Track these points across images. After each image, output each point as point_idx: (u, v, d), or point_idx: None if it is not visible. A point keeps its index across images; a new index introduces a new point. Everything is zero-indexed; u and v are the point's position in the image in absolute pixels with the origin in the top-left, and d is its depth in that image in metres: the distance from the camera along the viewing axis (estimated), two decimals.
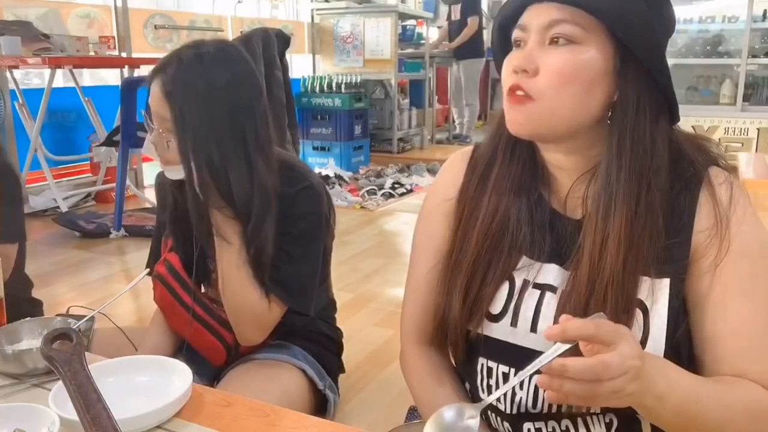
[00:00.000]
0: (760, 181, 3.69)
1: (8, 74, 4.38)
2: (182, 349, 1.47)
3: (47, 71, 4.21)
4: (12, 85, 4.42)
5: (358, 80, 6.40)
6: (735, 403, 0.77)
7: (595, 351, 0.66)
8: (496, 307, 0.91)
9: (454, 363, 1.03)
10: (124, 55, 5.00)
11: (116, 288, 3.21)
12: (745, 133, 6.28)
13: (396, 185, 5.33)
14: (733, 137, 6.32)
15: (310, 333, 1.45)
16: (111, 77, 5.31)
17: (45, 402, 0.82)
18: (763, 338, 0.81)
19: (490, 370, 0.92)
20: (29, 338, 1.04)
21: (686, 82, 7.01)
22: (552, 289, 0.88)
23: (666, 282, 0.83)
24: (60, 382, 0.81)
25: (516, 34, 0.86)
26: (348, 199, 5.00)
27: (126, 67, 4.86)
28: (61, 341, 0.83)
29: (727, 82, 6.60)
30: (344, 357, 1.57)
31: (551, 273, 0.89)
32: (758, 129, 6.22)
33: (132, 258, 3.67)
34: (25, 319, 1.07)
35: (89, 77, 5.35)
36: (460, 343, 0.94)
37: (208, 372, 1.41)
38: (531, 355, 0.85)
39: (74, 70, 4.50)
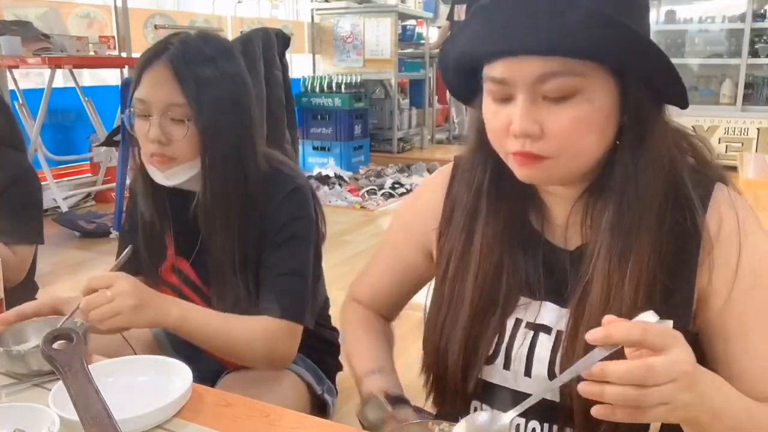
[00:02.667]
0: (760, 181, 3.69)
1: (8, 74, 4.38)
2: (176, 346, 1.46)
3: (47, 71, 4.21)
4: (12, 85, 4.42)
5: (358, 80, 6.41)
6: None
7: (642, 357, 0.61)
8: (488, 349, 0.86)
9: (441, 403, 0.97)
10: (124, 55, 4.99)
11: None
12: (745, 133, 6.28)
13: (396, 185, 5.33)
14: (733, 137, 6.31)
15: (307, 337, 1.43)
16: (111, 77, 5.31)
17: (45, 402, 0.82)
18: None
19: None
20: (36, 338, 1.03)
21: (686, 82, 6.95)
22: (546, 329, 0.83)
23: (669, 324, 0.77)
24: (60, 382, 0.81)
25: (493, 86, 0.75)
26: (348, 199, 5.00)
27: (126, 67, 4.86)
28: (61, 341, 0.83)
29: (727, 82, 6.59)
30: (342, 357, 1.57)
31: (548, 312, 0.84)
32: (758, 129, 6.22)
33: None
34: (31, 320, 1.07)
35: (89, 77, 5.35)
36: (457, 386, 0.89)
37: (206, 376, 1.40)
38: (525, 399, 0.84)
39: (74, 70, 4.50)
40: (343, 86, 6.24)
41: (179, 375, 0.92)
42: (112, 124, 4.60)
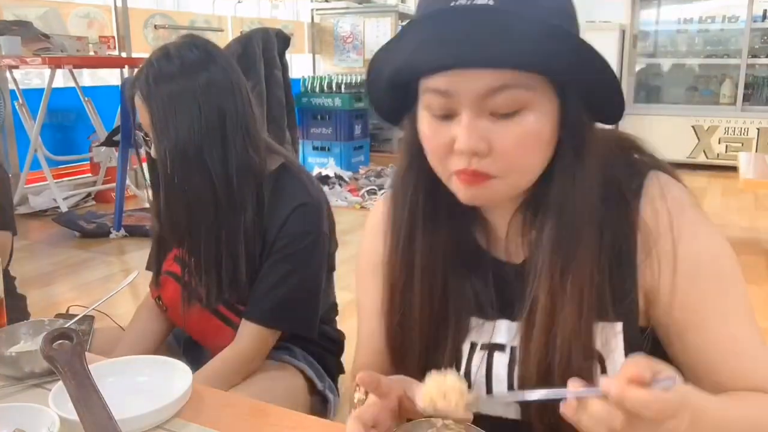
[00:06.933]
0: (760, 181, 3.69)
1: (8, 74, 4.38)
2: (179, 346, 1.46)
3: (47, 71, 4.21)
4: (12, 85, 4.42)
5: (358, 80, 6.40)
6: (762, 416, 0.72)
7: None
8: None
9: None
10: (124, 55, 5.00)
11: (116, 288, 3.22)
12: (745, 133, 6.28)
13: None
14: (733, 137, 6.32)
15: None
16: (111, 77, 5.31)
17: (45, 402, 0.82)
18: (757, 350, 0.75)
19: None
20: (27, 340, 1.03)
21: (686, 82, 7.01)
22: (500, 347, 0.81)
23: (619, 326, 0.76)
24: (60, 382, 0.81)
25: (435, 100, 0.70)
26: (348, 199, 5.00)
27: (126, 67, 4.86)
28: (62, 341, 0.83)
29: (727, 82, 6.60)
30: (344, 357, 1.57)
31: (501, 330, 0.81)
32: (758, 129, 6.22)
33: (132, 258, 3.67)
34: (24, 321, 1.07)
35: (89, 77, 5.35)
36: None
37: None
38: (489, 420, 0.79)
39: (74, 70, 4.51)
40: (343, 86, 6.24)
41: (179, 375, 0.92)
42: (112, 124, 4.60)
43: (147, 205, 4.62)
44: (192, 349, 1.44)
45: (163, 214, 1.28)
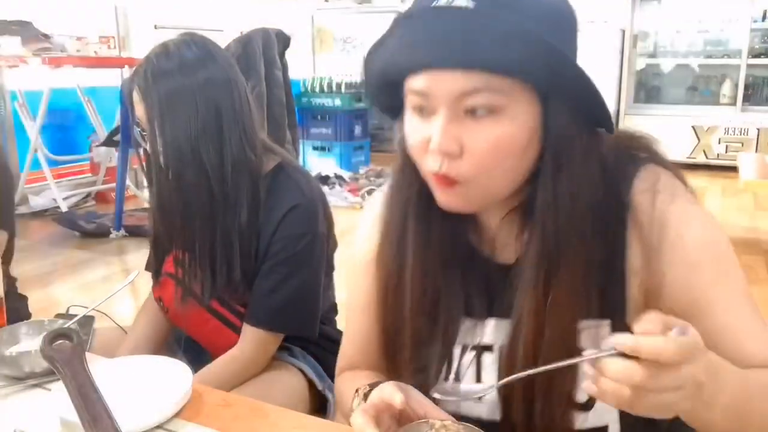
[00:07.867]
0: (760, 181, 3.69)
1: (8, 74, 4.38)
2: (179, 346, 1.46)
3: (47, 71, 4.21)
4: (12, 85, 4.42)
5: (358, 80, 6.41)
6: None
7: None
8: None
9: None
10: (124, 55, 5.00)
11: (116, 288, 3.22)
12: (745, 133, 6.28)
13: None
14: (733, 137, 6.32)
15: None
16: (111, 77, 5.31)
17: (45, 402, 0.82)
18: (762, 332, 0.74)
19: None
20: (27, 340, 1.03)
21: (686, 82, 7.01)
22: (488, 348, 0.81)
23: (606, 324, 0.76)
24: (60, 382, 0.81)
25: (415, 99, 0.72)
26: (348, 199, 5.01)
27: (126, 67, 4.86)
28: (62, 341, 0.83)
29: (727, 82, 6.60)
30: None
31: (489, 330, 0.82)
32: (758, 129, 6.23)
33: (132, 258, 3.67)
34: (23, 321, 1.07)
35: (89, 77, 5.35)
36: None
37: None
38: (469, 422, 0.80)
39: (74, 70, 4.51)
40: (343, 86, 6.24)
41: (179, 375, 0.92)
42: (112, 124, 4.60)
43: (147, 206, 4.64)
44: (192, 349, 1.44)
45: (157, 210, 1.29)
